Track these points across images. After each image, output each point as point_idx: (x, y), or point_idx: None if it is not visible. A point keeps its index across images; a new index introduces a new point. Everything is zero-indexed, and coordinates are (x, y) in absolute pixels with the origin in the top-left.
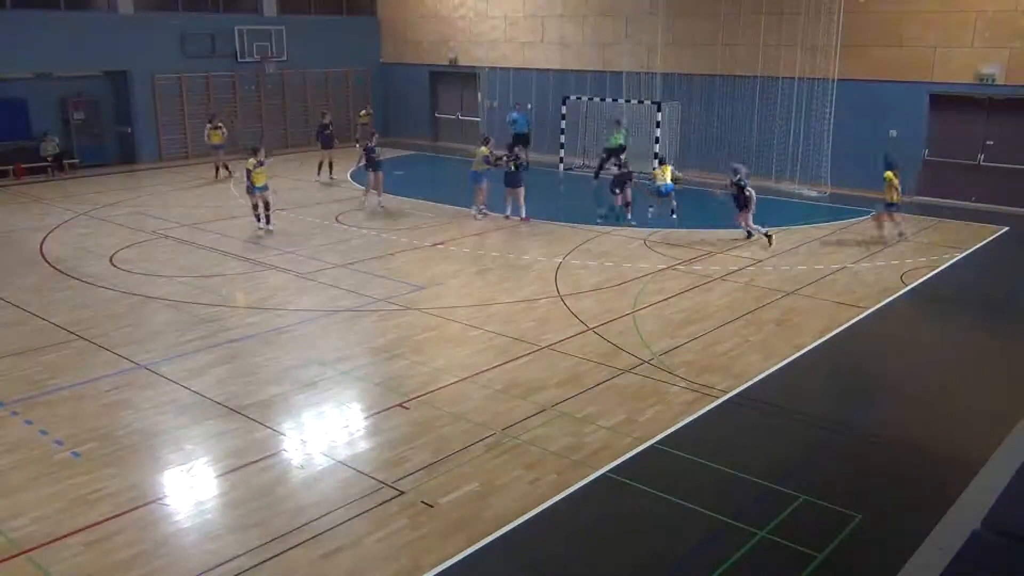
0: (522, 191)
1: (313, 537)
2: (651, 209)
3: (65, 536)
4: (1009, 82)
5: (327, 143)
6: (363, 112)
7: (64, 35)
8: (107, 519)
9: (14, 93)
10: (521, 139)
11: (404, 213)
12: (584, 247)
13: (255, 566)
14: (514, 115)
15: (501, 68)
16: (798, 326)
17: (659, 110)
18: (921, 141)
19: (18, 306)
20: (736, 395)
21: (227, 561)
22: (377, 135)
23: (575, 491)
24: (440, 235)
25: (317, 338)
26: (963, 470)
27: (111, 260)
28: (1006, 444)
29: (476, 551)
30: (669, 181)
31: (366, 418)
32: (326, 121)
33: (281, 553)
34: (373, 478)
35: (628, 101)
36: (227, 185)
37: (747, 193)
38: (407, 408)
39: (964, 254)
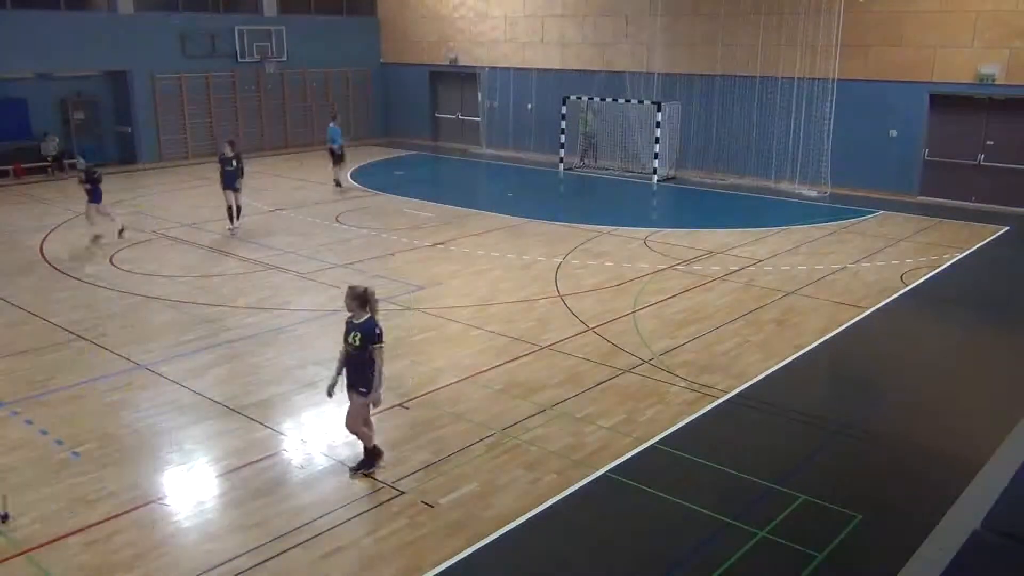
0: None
1: (313, 537)
2: None
3: (65, 536)
4: (1009, 82)
5: (230, 182)
6: None
7: (64, 35)
8: (107, 519)
9: (14, 93)
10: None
11: (404, 213)
12: (584, 247)
13: (255, 566)
14: (331, 124)
15: (501, 68)
16: (798, 326)
17: (659, 110)
18: (921, 141)
19: (18, 306)
20: (736, 395)
21: (227, 561)
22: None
23: (575, 491)
24: (440, 235)
25: (317, 338)
26: (963, 470)
27: (111, 260)
28: (1006, 444)
29: (476, 551)
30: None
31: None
32: (229, 154)
33: (281, 553)
34: (373, 478)
35: (628, 101)
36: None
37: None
38: (407, 408)
39: (964, 254)
